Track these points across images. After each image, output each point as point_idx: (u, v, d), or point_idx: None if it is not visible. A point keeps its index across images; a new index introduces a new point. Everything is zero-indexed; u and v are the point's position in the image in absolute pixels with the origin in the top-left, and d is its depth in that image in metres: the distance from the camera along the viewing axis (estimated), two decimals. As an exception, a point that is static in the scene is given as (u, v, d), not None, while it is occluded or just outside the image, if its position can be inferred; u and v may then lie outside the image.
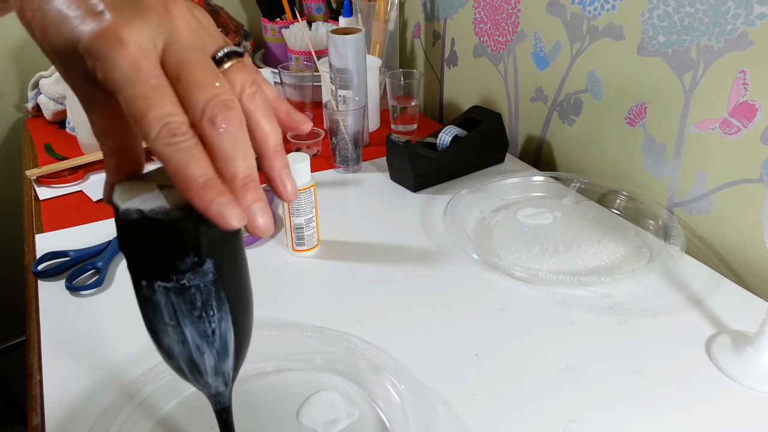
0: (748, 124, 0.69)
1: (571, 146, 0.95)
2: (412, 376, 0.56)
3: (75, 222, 0.83)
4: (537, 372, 0.57)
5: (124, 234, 0.33)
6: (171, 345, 0.36)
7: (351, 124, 0.92)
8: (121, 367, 0.58)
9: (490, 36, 1.06)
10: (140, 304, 0.35)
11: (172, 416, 0.53)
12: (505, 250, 0.76)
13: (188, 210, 0.31)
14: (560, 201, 0.86)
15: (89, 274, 0.72)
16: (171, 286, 0.33)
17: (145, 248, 0.33)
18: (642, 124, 0.82)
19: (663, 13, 0.75)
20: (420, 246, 0.77)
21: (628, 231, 0.79)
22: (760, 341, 0.56)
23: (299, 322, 0.63)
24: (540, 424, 0.52)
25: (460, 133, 0.94)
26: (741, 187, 0.71)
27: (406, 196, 0.90)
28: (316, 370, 0.57)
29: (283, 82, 1.16)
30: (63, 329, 0.64)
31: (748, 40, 0.66)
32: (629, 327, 0.63)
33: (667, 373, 0.57)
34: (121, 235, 0.33)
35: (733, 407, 0.54)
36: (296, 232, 0.74)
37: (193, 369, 0.37)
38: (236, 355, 0.38)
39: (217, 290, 0.34)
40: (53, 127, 1.15)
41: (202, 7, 1.20)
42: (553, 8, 0.91)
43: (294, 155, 0.72)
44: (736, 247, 0.73)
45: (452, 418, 0.52)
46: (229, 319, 0.36)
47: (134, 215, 0.31)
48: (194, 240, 0.32)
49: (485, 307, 0.66)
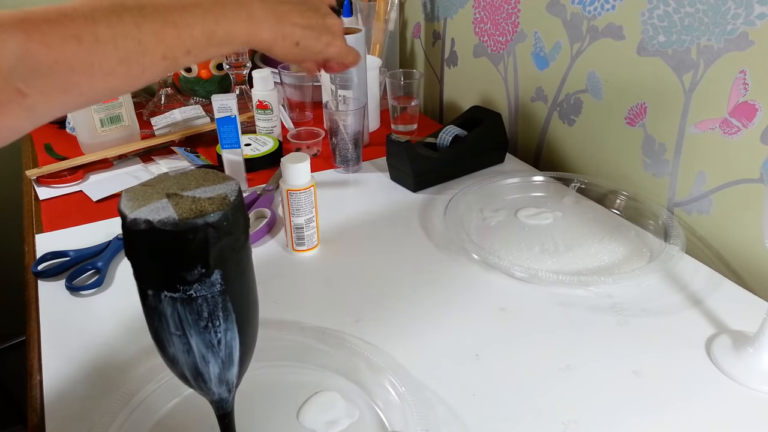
0: (748, 124, 0.69)
1: (571, 146, 0.95)
2: (412, 376, 0.56)
3: (75, 222, 0.83)
4: (537, 372, 0.57)
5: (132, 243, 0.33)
6: (176, 354, 0.36)
7: (351, 124, 0.92)
8: (121, 367, 0.58)
9: (490, 36, 1.06)
10: (146, 313, 0.35)
11: (172, 416, 0.53)
12: (505, 250, 0.76)
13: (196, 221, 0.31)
14: (560, 201, 0.86)
15: (89, 274, 0.72)
16: (178, 297, 0.33)
17: (153, 258, 0.32)
18: (642, 124, 0.82)
19: (663, 13, 0.75)
20: (420, 246, 0.77)
21: (628, 231, 0.79)
22: (760, 341, 0.56)
23: (299, 322, 0.63)
24: (540, 424, 0.52)
25: (460, 133, 0.94)
26: (741, 187, 0.71)
27: (406, 196, 0.90)
28: (316, 370, 0.57)
29: (283, 82, 1.17)
30: (63, 329, 0.64)
31: (748, 40, 0.66)
32: (629, 327, 0.63)
33: (667, 373, 0.57)
34: (128, 244, 0.33)
35: (733, 407, 0.54)
36: (296, 232, 0.74)
37: (197, 377, 0.37)
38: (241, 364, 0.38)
39: (224, 301, 0.34)
40: (53, 127, 1.15)
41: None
42: (553, 8, 0.91)
43: (294, 155, 0.72)
44: (736, 247, 0.73)
45: (452, 418, 0.52)
46: (235, 329, 0.36)
47: (142, 225, 0.31)
48: (202, 251, 0.32)
49: (485, 307, 0.66)
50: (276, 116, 1.05)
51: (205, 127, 1.07)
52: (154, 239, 0.31)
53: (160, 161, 1.01)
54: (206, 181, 0.35)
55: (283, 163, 0.71)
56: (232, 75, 1.11)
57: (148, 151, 1.03)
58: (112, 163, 1.00)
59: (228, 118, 0.85)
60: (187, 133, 1.05)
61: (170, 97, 1.16)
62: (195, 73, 1.21)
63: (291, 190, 0.71)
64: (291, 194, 0.71)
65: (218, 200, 0.33)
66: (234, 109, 0.85)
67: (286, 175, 0.71)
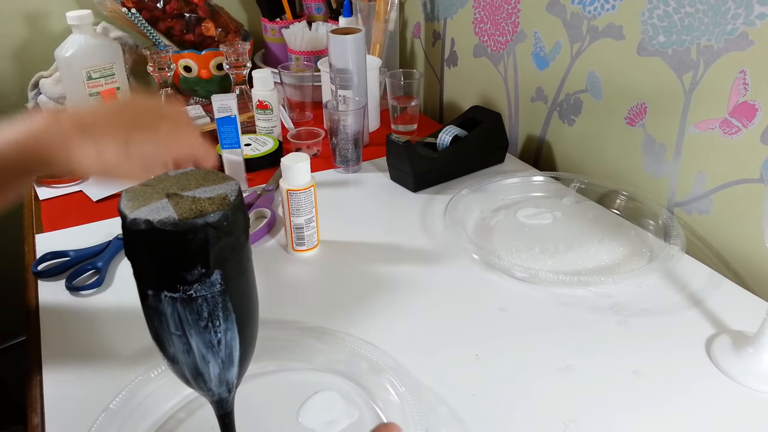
0: (748, 124, 0.69)
1: (571, 146, 0.95)
2: (412, 376, 0.56)
3: (75, 222, 0.83)
4: (537, 372, 0.57)
5: (132, 243, 0.33)
6: (176, 354, 0.36)
7: (351, 123, 0.92)
8: (121, 367, 0.58)
9: (490, 36, 1.06)
10: (146, 313, 0.35)
11: (172, 416, 0.53)
12: (505, 250, 0.76)
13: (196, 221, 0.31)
14: (560, 201, 0.86)
15: (89, 274, 0.72)
16: (178, 297, 0.33)
17: (153, 258, 0.32)
18: (642, 124, 0.82)
19: (663, 13, 0.75)
20: (420, 246, 0.77)
21: (628, 231, 0.79)
22: (760, 341, 0.56)
23: (299, 322, 0.63)
24: (540, 424, 0.52)
25: (460, 133, 0.94)
26: (741, 187, 0.71)
27: (406, 196, 0.90)
28: (316, 370, 0.57)
29: (283, 82, 1.17)
30: (63, 329, 0.64)
31: (748, 40, 0.66)
32: (629, 327, 0.63)
33: (667, 373, 0.57)
34: (128, 244, 0.33)
35: (733, 407, 0.54)
36: (296, 232, 0.74)
37: (198, 377, 0.37)
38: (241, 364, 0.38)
39: (224, 301, 0.34)
40: (53, 127, 1.15)
41: (202, 7, 1.20)
42: (553, 8, 0.91)
43: (294, 155, 0.72)
44: (736, 247, 0.73)
45: (452, 418, 0.52)
46: (235, 329, 0.36)
47: (142, 225, 0.31)
48: (202, 251, 0.32)
49: (485, 307, 0.66)
50: (276, 116, 1.05)
51: (205, 127, 1.07)
52: (154, 239, 0.31)
53: (160, 161, 1.01)
54: (206, 181, 0.35)
55: (283, 163, 0.71)
56: (232, 75, 1.11)
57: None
58: (112, 163, 1.00)
59: (228, 118, 0.85)
60: (187, 133, 1.05)
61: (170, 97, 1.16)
62: (195, 73, 1.21)
63: (291, 190, 0.71)
64: (291, 194, 0.71)
65: (218, 200, 0.33)
66: (234, 109, 0.85)
67: (286, 175, 0.71)
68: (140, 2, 1.17)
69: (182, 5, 1.19)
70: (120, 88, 1.00)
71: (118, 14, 1.18)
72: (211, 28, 1.21)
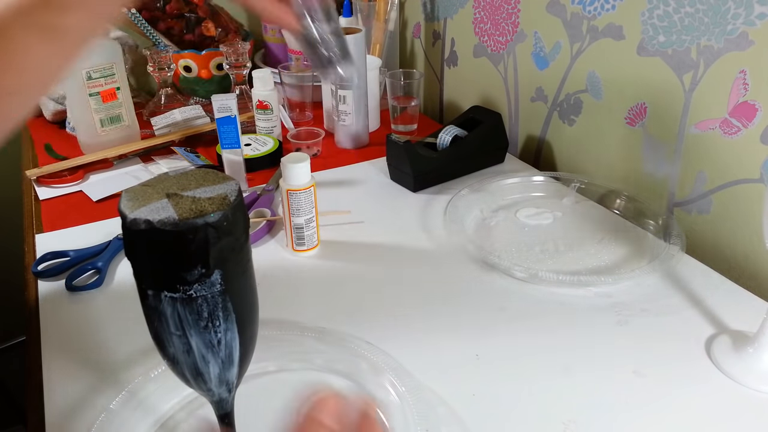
0: (748, 124, 0.69)
1: (571, 146, 0.95)
2: (412, 376, 0.56)
3: (75, 222, 0.83)
4: (537, 372, 0.57)
5: (132, 243, 0.33)
6: (176, 354, 0.36)
7: None
8: (121, 367, 0.58)
9: (490, 36, 1.06)
10: (146, 313, 0.35)
11: (172, 416, 0.53)
12: (505, 250, 0.76)
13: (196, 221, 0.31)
14: (560, 201, 0.86)
15: (89, 274, 0.72)
16: (178, 297, 0.33)
17: (153, 258, 0.32)
18: (642, 124, 0.82)
19: (663, 13, 0.75)
20: (420, 246, 0.77)
21: (628, 231, 0.79)
22: (760, 341, 0.56)
23: (299, 322, 0.63)
24: (540, 424, 0.52)
25: (460, 133, 0.94)
26: (741, 187, 0.71)
27: (406, 196, 0.90)
28: (316, 370, 0.57)
29: (283, 82, 1.17)
30: (63, 329, 0.64)
31: (748, 40, 0.66)
32: (629, 327, 0.63)
33: (667, 373, 0.57)
34: (128, 244, 0.33)
35: (733, 407, 0.54)
36: (296, 232, 0.74)
37: (197, 377, 0.37)
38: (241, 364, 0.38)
39: (224, 301, 0.34)
40: (53, 127, 1.15)
41: (202, 7, 1.20)
42: (553, 8, 0.91)
43: (294, 155, 0.72)
44: (736, 247, 0.73)
45: (452, 418, 0.52)
46: (235, 329, 0.36)
47: (142, 225, 0.31)
48: (202, 251, 0.32)
49: (485, 307, 0.66)
50: (276, 116, 1.05)
51: (205, 127, 1.07)
52: (154, 239, 0.31)
53: (160, 161, 1.01)
54: (206, 181, 0.35)
55: (283, 163, 0.71)
56: (232, 75, 1.11)
57: (148, 151, 1.03)
58: (112, 163, 1.00)
59: (228, 118, 0.85)
60: (187, 133, 1.05)
61: (170, 97, 1.16)
62: (195, 73, 1.21)
63: (291, 190, 0.71)
64: (291, 194, 0.71)
65: (218, 200, 0.33)
66: (234, 109, 0.85)
67: (286, 175, 0.71)
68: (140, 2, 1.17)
69: (182, 5, 1.19)
70: (120, 88, 1.00)
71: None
72: (211, 28, 1.21)
